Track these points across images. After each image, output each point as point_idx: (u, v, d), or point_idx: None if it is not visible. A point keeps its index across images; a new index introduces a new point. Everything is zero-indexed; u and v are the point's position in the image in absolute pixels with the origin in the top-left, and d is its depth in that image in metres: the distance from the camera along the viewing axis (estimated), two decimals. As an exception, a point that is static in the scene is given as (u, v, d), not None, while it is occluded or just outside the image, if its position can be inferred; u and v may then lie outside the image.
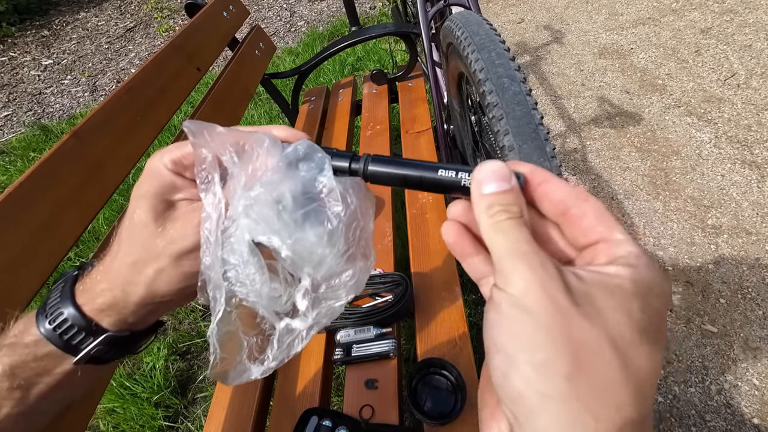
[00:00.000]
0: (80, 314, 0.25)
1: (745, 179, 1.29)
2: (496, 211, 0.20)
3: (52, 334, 0.25)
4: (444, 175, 0.23)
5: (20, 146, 2.37)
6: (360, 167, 0.24)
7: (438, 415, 0.55)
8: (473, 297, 1.13)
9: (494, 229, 0.19)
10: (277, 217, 0.22)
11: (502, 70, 0.51)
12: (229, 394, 0.66)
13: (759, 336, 0.98)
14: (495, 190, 0.20)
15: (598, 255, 0.19)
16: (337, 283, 0.24)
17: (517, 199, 0.20)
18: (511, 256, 0.18)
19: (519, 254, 0.18)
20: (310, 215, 0.23)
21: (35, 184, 0.53)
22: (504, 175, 0.20)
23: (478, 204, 0.20)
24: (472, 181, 0.21)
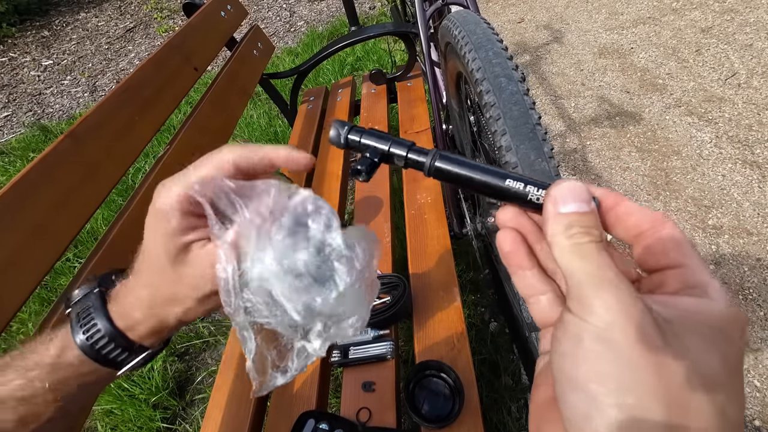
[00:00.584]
0: (124, 338, 0.27)
1: (746, 179, 1.28)
2: (576, 233, 0.18)
3: (97, 354, 0.26)
4: (511, 185, 0.22)
5: (20, 147, 2.37)
6: (427, 162, 0.24)
7: (435, 419, 0.55)
8: (472, 298, 1.13)
9: (574, 252, 0.18)
10: (289, 287, 0.23)
11: (499, 70, 0.51)
12: (226, 397, 0.65)
13: (760, 337, 0.97)
14: (575, 210, 0.19)
15: (669, 281, 0.18)
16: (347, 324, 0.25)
17: (597, 222, 0.19)
18: (595, 283, 0.17)
19: (604, 282, 0.17)
20: (319, 280, 0.24)
21: (31, 184, 0.53)
22: (584, 196, 0.19)
23: (555, 223, 0.19)
24: (548, 198, 0.20)
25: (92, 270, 0.55)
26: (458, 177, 0.23)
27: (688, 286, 0.18)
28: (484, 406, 0.92)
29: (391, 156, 0.25)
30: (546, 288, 0.23)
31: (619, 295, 0.16)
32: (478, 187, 0.23)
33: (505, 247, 0.23)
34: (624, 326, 0.15)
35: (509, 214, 0.23)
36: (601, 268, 0.17)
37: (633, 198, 1.34)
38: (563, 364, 0.17)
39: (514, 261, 0.23)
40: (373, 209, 0.91)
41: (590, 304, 0.17)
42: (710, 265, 1.12)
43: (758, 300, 1.03)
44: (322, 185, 1.02)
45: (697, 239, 1.18)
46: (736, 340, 0.16)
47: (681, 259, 0.18)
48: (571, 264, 0.18)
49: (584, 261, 0.18)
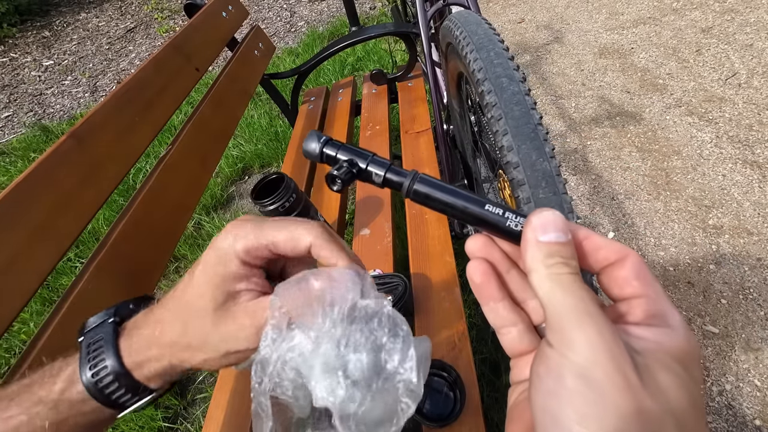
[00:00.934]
0: (130, 377, 0.26)
1: (747, 179, 1.28)
2: (556, 263, 0.18)
3: (100, 394, 0.25)
4: (490, 210, 0.22)
5: (21, 147, 2.37)
6: (406, 184, 0.24)
7: (437, 417, 0.55)
8: (473, 297, 1.13)
9: (554, 282, 0.18)
10: (343, 399, 0.20)
11: (500, 70, 0.51)
12: (228, 396, 0.65)
13: (761, 337, 0.97)
14: (554, 239, 0.19)
15: (633, 309, 0.19)
16: None
17: (574, 254, 0.19)
18: (577, 317, 0.17)
19: (586, 315, 0.17)
20: (386, 412, 0.21)
21: (33, 184, 0.53)
22: (563, 226, 0.19)
23: (534, 251, 0.19)
24: (528, 225, 0.20)
25: (94, 270, 0.55)
26: (437, 201, 0.23)
27: (650, 315, 0.18)
28: (485, 405, 0.93)
29: (368, 174, 0.24)
30: (516, 318, 0.23)
31: (601, 330, 0.16)
32: (456, 212, 0.23)
33: (476, 278, 0.23)
34: (605, 365, 0.16)
35: (479, 243, 0.23)
36: (583, 301, 0.17)
37: (634, 198, 1.34)
38: (546, 403, 0.17)
39: (485, 293, 0.23)
40: (374, 209, 0.91)
41: (571, 339, 0.17)
42: (710, 264, 1.12)
43: (758, 300, 1.03)
44: (323, 185, 1.02)
45: (698, 239, 1.18)
46: (696, 373, 0.17)
47: (643, 289, 0.19)
48: (551, 295, 0.18)
49: (566, 292, 0.18)
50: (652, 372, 0.16)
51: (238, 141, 1.98)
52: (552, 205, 0.44)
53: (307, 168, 1.09)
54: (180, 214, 0.74)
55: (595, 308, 0.17)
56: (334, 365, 0.21)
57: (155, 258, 0.66)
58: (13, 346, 1.31)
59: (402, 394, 0.21)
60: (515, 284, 0.23)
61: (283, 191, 0.68)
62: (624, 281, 0.19)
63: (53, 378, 0.26)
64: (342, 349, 0.21)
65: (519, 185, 0.46)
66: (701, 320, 1.03)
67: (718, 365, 0.95)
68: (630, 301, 0.19)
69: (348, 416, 0.20)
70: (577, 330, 0.16)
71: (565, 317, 0.17)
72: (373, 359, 0.21)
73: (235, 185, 1.86)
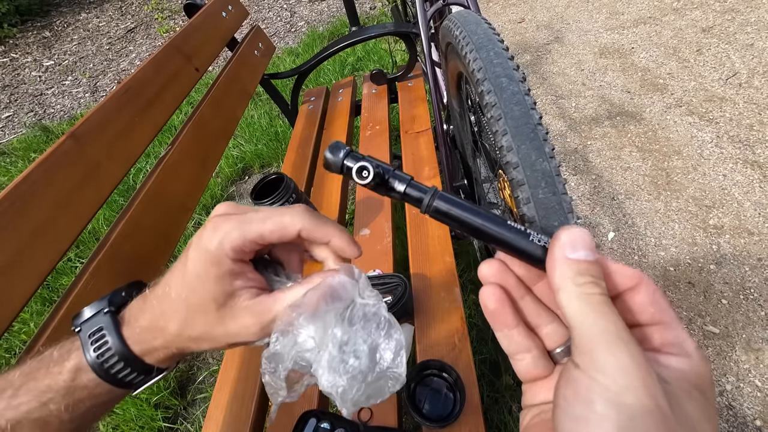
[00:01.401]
0: (142, 363, 0.27)
1: (747, 179, 1.28)
2: (587, 282, 0.18)
3: (113, 378, 0.26)
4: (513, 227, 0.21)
5: (21, 147, 2.37)
6: (426, 201, 0.23)
7: (437, 418, 0.55)
8: (473, 298, 1.13)
9: (584, 302, 0.18)
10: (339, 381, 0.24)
11: (500, 70, 0.51)
12: (227, 396, 0.65)
13: (761, 337, 0.97)
14: (584, 257, 0.19)
15: (651, 336, 0.19)
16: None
17: (602, 274, 0.19)
18: (608, 339, 0.16)
19: (618, 339, 0.16)
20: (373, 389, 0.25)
21: (32, 184, 0.53)
22: (592, 245, 0.19)
23: (564, 268, 0.19)
24: (556, 242, 0.19)
25: (94, 270, 0.55)
26: (457, 219, 0.23)
27: (668, 342, 0.18)
28: (485, 406, 0.93)
29: (390, 186, 0.24)
30: (531, 345, 0.23)
31: (633, 356, 0.16)
32: (477, 231, 0.22)
33: (490, 305, 0.22)
34: (638, 391, 0.15)
35: (493, 268, 0.23)
36: (614, 325, 0.17)
37: (634, 198, 1.34)
38: (575, 427, 0.16)
39: (500, 320, 0.22)
40: (374, 209, 0.91)
41: (602, 363, 0.16)
42: (711, 264, 1.12)
43: (759, 300, 1.03)
44: (324, 185, 1.02)
45: (698, 239, 1.18)
46: (713, 399, 0.17)
47: (660, 316, 0.19)
48: (581, 315, 0.18)
49: (598, 314, 0.17)
50: (679, 400, 0.16)
51: (238, 141, 1.98)
52: (551, 204, 0.44)
53: (307, 168, 1.09)
54: (180, 214, 0.74)
55: (627, 333, 0.17)
56: (336, 365, 0.24)
57: (155, 258, 0.66)
58: (14, 346, 1.31)
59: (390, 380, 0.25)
60: (530, 310, 0.23)
61: (283, 191, 0.68)
62: (640, 307, 0.19)
63: (57, 368, 0.26)
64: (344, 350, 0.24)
65: (518, 185, 0.46)
66: (702, 320, 1.03)
67: (718, 365, 0.95)
68: (646, 327, 0.19)
69: (347, 399, 0.24)
70: (609, 354, 0.16)
71: (595, 340, 0.17)
72: (369, 358, 0.24)
73: (235, 185, 1.86)
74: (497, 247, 0.23)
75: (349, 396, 0.24)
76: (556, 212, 0.43)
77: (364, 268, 0.78)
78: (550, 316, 0.23)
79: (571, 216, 0.44)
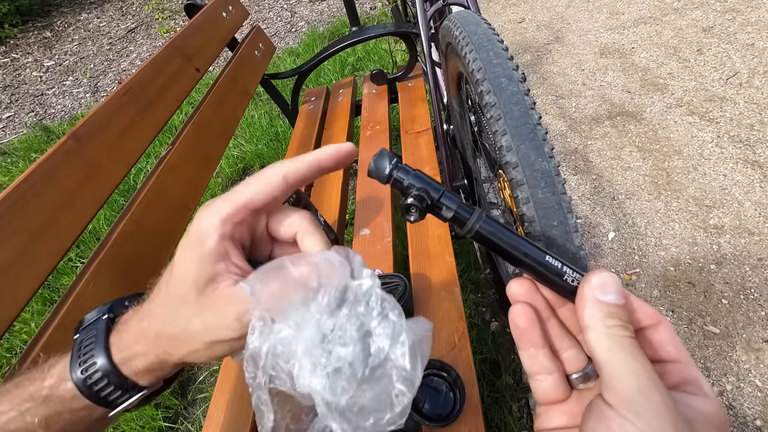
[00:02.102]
0: (118, 373, 0.25)
1: (748, 179, 1.28)
2: (616, 324, 0.19)
3: (89, 391, 0.25)
4: (550, 262, 0.22)
5: (22, 147, 2.38)
6: (472, 223, 0.23)
7: (437, 417, 0.55)
8: (473, 297, 1.13)
9: (615, 343, 0.19)
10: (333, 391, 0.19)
11: (499, 70, 0.51)
12: (228, 396, 0.66)
13: (761, 337, 0.97)
14: (614, 300, 0.20)
15: (669, 374, 0.20)
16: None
17: (629, 319, 0.20)
18: (641, 382, 0.17)
19: (650, 382, 0.17)
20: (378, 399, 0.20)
21: (33, 184, 0.53)
22: (621, 290, 0.20)
23: (593, 308, 0.20)
24: (586, 284, 0.21)
25: (95, 270, 0.56)
26: (498, 245, 0.23)
27: (685, 381, 0.19)
28: (485, 405, 0.93)
29: (438, 207, 0.24)
30: (553, 367, 0.23)
31: (665, 401, 0.17)
32: (515, 258, 0.23)
33: (521, 323, 0.23)
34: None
35: (524, 288, 0.23)
36: (645, 368, 0.18)
37: (634, 198, 1.34)
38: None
39: (528, 339, 0.23)
40: (374, 209, 0.91)
41: (636, 405, 0.17)
42: (711, 264, 1.12)
43: (759, 300, 1.03)
44: (324, 185, 1.02)
45: (699, 239, 1.18)
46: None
47: (677, 355, 0.20)
48: (611, 356, 0.19)
49: (627, 356, 0.18)
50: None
51: (238, 141, 1.98)
52: (550, 204, 0.44)
53: (308, 168, 1.09)
54: (180, 214, 0.74)
55: (655, 375, 0.18)
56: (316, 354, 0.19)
57: (156, 258, 0.66)
58: (14, 345, 1.32)
59: (396, 381, 0.20)
60: (554, 332, 0.24)
61: (283, 191, 0.68)
62: (659, 345, 0.20)
63: (43, 374, 0.26)
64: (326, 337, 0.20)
65: (518, 185, 0.46)
66: (702, 320, 1.03)
67: (718, 365, 0.95)
68: (665, 365, 0.20)
69: (331, 404, 0.19)
70: (643, 397, 0.17)
71: (627, 381, 0.18)
72: (360, 347, 0.20)
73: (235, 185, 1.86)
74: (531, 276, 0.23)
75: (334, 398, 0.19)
76: (555, 212, 0.44)
77: (364, 267, 0.78)
78: (571, 340, 0.24)
79: (571, 216, 0.44)
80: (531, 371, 0.23)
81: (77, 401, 0.25)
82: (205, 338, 0.23)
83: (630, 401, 0.17)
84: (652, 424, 0.16)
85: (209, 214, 0.23)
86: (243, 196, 0.24)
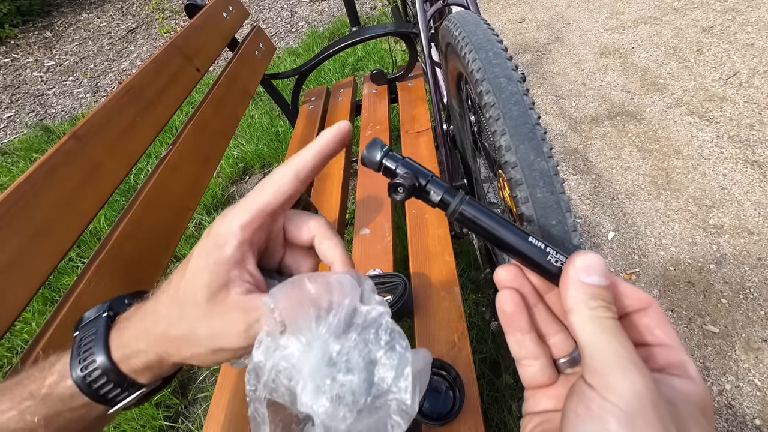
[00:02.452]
0: (117, 371, 0.25)
1: (747, 179, 1.28)
2: (599, 306, 0.19)
3: (89, 389, 0.25)
4: (533, 243, 0.22)
5: (22, 147, 2.38)
6: (454, 205, 0.24)
7: (436, 416, 0.55)
8: (473, 297, 1.13)
9: (596, 325, 0.19)
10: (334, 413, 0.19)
11: (499, 70, 0.51)
12: (228, 395, 0.66)
13: (761, 336, 0.97)
14: (597, 282, 0.20)
15: (655, 357, 0.20)
16: None
17: (612, 299, 0.20)
18: (621, 363, 0.17)
19: (631, 364, 0.17)
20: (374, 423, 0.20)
21: (34, 184, 0.53)
22: (605, 271, 0.20)
23: (577, 290, 0.20)
24: (570, 265, 0.20)
25: (95, 270, 0.56)
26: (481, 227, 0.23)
27: (671, 365, 0.19)
28: (485, 404, 0.93)
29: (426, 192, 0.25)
30: (540, 352, 0.23)
31: (645, 381, 0.17)
32: (498, 240, 0.23)
33: (507, 308, 0.23)
34: (650, 416, 0.16)
35: (510, 273, 0.24)
36: (626, 349, 0.18)
37: (634, 198, 1.34)
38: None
39: (515, 324, 0.23)
40: (374, 209, 0.91)
41: (616, 385, 0.17)
42: (711, 264, 1.12)
43: (759, 299, 1.03)
44: (324, 185, 1.02)
45: (698, 239, 1.18)
46: (712, 421, 0.18)
47: (665, 339, 0.20)
48: (593, 337, 0.18)
49: (611, 337, 0.18)
50: (686, 423, 0.17)
51: (238, 141, 1.98)
52: (549, 203, 0.44)
53: (308, 168, 1.09)
54: (181, 214, 0.75)
55: (637, 357, 0.18)
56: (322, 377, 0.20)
57: (156, 258, 0.66)
58: (15, 345, 1.32)
59: (394, 412, 0.20)
60: (541, 318, 0.24)
61: (283, 191, 0.68)
62: (646, 328, 0.20)
63: (44, 373, 0.26)
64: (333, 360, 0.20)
65: (517, 184, 0.46)
66: (701, 320, 1.03)
67: (718, 365, 0.95)
68: (651, 348, 0.20)
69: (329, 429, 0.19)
70: (623, 377, 0.17)
71: (608, 362, 0.18)
72: (364, 375, 0.20)
73: (235, 185, 1.86)
74: (516, 258, 0.23)
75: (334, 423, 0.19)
76: (554, 211, 0.44)
77: (364, 267, 0.78)
78: (559, 326, 0.24)
79: (569, 215, 0.44)
80: (518, 356, 0.23)
81: (77, 399, 0.25)
82: (209, 344, 0.23)
83: (610, 383, 0.17)
84: (632, 405, 0.16)
85: (229, 220, 0.24)
86: (260, 202, 0.24)
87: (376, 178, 0.98)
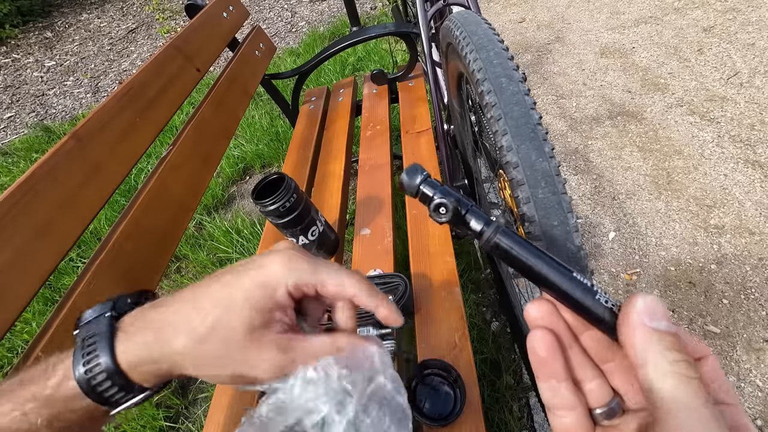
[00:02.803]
0: (121, 374, 0.25)
1: (748, 179, 1.28)
2: (680, 360, 0.17)
3: (92, 390, 0.25)
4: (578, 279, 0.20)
5: (23, 147, 2.38)
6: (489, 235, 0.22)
7: (437, 417, 0.55)
8: (473, 297, 1.13)
9: (682, 385, 0.17)
10: None
11: (500, 70, 0.51)
12: (229, 397, 0.66)
13: (762, 337, 0.97)
14: (666, 328, 0.18)
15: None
16: None
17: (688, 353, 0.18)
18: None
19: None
20: None
21: (34, 185, 0.53)
22: (668, 315, 0.18)
23: (648, 339, 0.18)
24: (632, 307, 0.18)
25: (96, 270, 0.56)
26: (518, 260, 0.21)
27: (734, 426, 0.18)
28: (486, 405, 0.93)
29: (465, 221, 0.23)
30: (576, 402, 0.21)
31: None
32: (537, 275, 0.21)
33: (541, 352, 0.20)
34: None
35: (543, 310, 0.21)
36: (717, 420, 0.16)
37: (635, 198, 1.33)
38: None
39: (549, 370, 0.20)
40: (375, 209, 0.91)
41: None
42: (712, 264, 1.12)
43: (760, 300, 1.03)
44: (324, 185, 1.02)
45: (699, 239, 1.18)
46: None
47: (729, 399, 0.18)
48: (677, 397, 0.16)
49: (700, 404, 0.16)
50: None
51: (239, 141, 1.98)
52: (551, 204, 0.44)
53: (308, 168, 1.09)
54: (181, 214, 0.75)
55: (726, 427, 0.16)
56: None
57: (156, 258, 0.66)
58: (16, 345, 1.32)
59: None
60: (576, 361, 0.21)
61: (284, 191, 0.68)
62: (705, 380, 0.19)
63: (47, 373, 0.25)
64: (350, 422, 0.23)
65: (518, 185, 0.46)
66: (702, 320, 1.02)
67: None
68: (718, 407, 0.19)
69: None
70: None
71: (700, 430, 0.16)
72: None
73: (236, 185, 1.86)
74: (556, 298, 0.21)
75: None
76: (555, 211, 0.44)
77: (364, 267, 0.78)
78: (595, 370, 0.21)
79: (571, 215, 0.44)
80: (551, 405, 0.21)
81: (79, 400, 0.25)
82: (236, 369, 0.24)
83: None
84: None
85: (289, 273, 0.25)
86: (322, 278, 0.26)
87: (376, 178, 0.98)
